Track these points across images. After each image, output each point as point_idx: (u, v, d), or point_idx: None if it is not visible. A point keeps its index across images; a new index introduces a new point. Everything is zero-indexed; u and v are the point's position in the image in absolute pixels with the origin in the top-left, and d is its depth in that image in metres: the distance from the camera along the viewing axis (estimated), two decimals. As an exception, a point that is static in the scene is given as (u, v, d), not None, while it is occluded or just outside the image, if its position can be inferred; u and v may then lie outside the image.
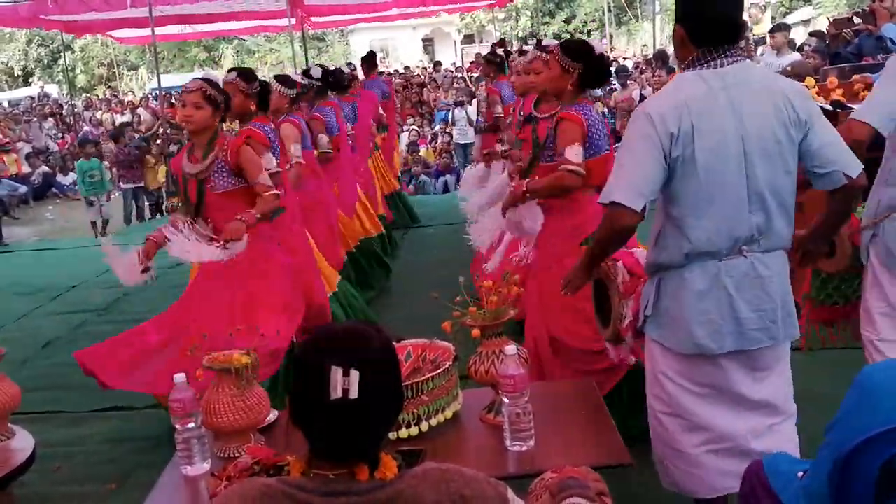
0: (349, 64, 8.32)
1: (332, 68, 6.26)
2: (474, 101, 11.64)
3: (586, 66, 2.94)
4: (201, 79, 3.23)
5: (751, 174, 1.92)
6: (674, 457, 2.12)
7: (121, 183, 10.54)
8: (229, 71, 4.03)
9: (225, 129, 3.48)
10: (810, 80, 4.17)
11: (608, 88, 12.37)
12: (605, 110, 11.88)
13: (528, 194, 3.00)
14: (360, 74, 8.16)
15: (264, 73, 21.67)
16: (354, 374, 1.14)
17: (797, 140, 1.95)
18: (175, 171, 3.36)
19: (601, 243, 2.09)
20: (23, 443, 2.42)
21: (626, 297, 2.25)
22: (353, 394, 1.13)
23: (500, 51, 6.64)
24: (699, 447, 2.07)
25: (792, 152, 1.95)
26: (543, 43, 4.29)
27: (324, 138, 5.09)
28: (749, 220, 1.94)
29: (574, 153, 2.85)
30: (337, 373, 1.14)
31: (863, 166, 2.01)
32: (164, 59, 24.75)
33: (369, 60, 7.80)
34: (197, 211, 3.24)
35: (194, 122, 3.16)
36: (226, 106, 3.26)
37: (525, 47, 6.80)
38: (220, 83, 3.36)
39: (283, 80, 4.56)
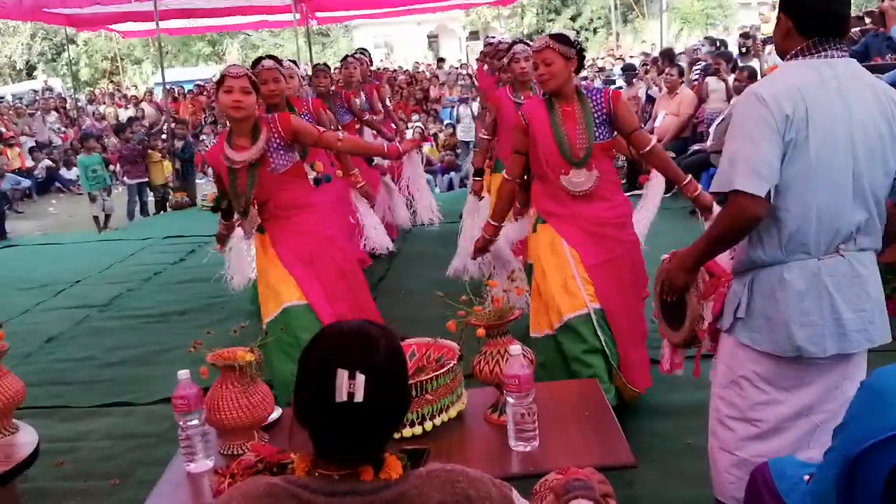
0: (362, 50, 8.26)
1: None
2: (479, 98, 11.64)
3: (578, 54, 3.07)
4: (237, 65, 3.21)
5: (856, 167, 1.87)
6: (731, 464, 2.06)
7: (125, 178, 10.54)
8: (263, 58, 4.09)
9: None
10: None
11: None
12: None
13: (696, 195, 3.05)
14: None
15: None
16: (360, 378, 1.13)
17: None
18: (216, 165, 3.23)
19: (722, 237, 1.95)
20: (27, 438, 2.42)
21: (707, 297, 2.13)
22: (359, 397, 1.13)
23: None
24: (760, 456, 1.98)
25: (893, 152, 1.91)
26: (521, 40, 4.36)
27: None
28: (852, 214, 1.89)
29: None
30: (343, 376, 1.13)
31: None
32: (167, 53, 24.76)
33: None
34: (248, 200, 3.15)
35: (245, 107, 3.06)
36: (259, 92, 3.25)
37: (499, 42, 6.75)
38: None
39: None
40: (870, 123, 1.88)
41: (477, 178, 4.92)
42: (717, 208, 2.89)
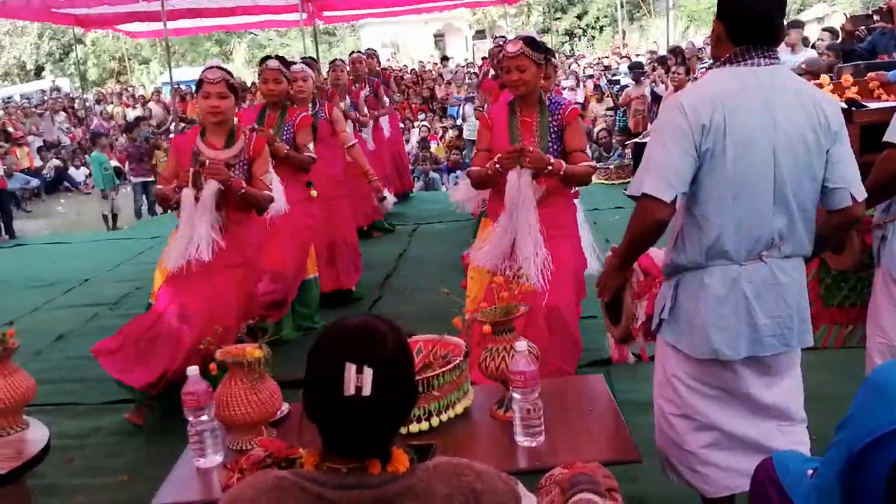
0: (370, 50, 8.33)
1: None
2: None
3: (547, 59, 3.12)
4: (219, 67, 3.24)
5: (778, 176, 1.90)
6: (681, 456, 2.12)
7: (131, 177, 10.60)
8: (268, 58, 4.13)
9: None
10: (825, 79, 4.14)
11: (620, 85, 12.30)
12: (610, 106, 11.84)
13: (561, 174, 3.00)
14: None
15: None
16: (368, 372, 1.14)
17: (826, 148, 1.93)
18: (179, 151, 3.31)
19: (634, 239, 2.03)
20: (37, 434, 2.44)
21: (640, 297, 2.22)
22: (367, 391, 1.14)
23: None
24: (707, 447, 2.06)
25: (819, 160, 1.93)
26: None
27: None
28: (772, 222, 1.92)
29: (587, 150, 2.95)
30: (350, 370, 1.14)
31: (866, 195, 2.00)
32: (175, 53, 24.82)
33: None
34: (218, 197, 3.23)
35: (222, 111, 3.15)
36: (238, 94, 3.31)
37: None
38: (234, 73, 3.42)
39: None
40: (795, 131, 1.90)
41: None
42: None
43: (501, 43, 6.53)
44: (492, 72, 6.07)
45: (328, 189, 4.82)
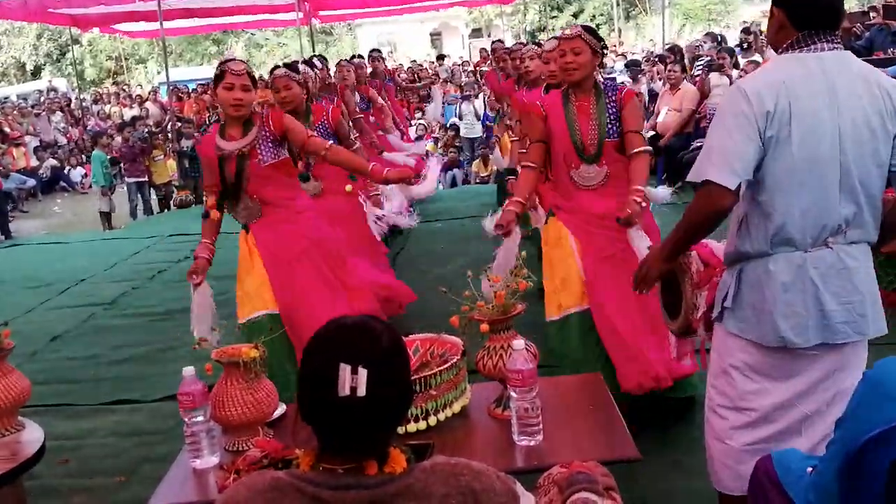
0: (359, 56, 8.34)
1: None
2: (481, 95, 11.63)
3: (603, 48, 3.06)
4: (239, 59, 3.22)
5: (843, 162, 1.87)
6: (723, 453, 2.07)
7: (126, 177, 10.58)
8: (276, 68, 4.11)
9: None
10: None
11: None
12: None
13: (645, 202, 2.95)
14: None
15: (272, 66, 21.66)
16: (363, 372, 1.13)
17: (892, 133, 1.90)
18: (207, 155, 3.26)
19: (691, 227, 1.97)
20: (32, 435, 2.43)
21: (700, 287, 2.15)
22: (362, 392, 1.13)
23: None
24: (751, 445, 2.01)
25: (886, 145, 1.90)
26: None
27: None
28: (838, 208, 1.89)
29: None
30: (345, 370, 1.13)
31: None
32: (171, 53, 24.80)
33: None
34: (237, 190, 3.19)
35: (245, 103, 3.11)
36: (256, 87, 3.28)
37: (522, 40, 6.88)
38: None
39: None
40: (860, 117, 1.87)
41: (511, 178, 4.93)
42: (637, 235, 2.90)
43: (498, 46, 6.56)
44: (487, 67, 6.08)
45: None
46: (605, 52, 3.13)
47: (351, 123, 5.60)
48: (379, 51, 8.52)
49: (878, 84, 1.91)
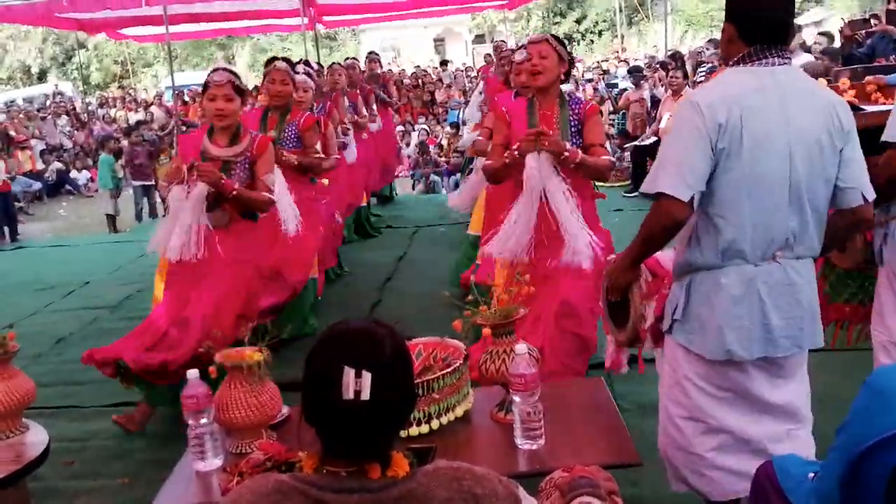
0: (372, 53, 8.39)
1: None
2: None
3: (569, 62, 3.11)
4: (225, 69, 3.25)
5: (793, 175, 1.89)
6: (687, 461, 2.10)
7: (132, 180, 10.61)
8: (275, 59, 4.16)
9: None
10: (822, 82, 4.14)
11: (619, 89, 12.31)
12: (611, 110, 11.84)
13: (577, 162, 2.95)
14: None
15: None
16: (367, 376, 1.14)
17: (839, 149, 1.93)
18: (186, 151, 3.33)
19: (647, 239, 2.00)
20: (37, 437, 2.44)
21: (650, 298, 2.18)
22: (365, 395, 1.14)
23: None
24: (715, 450, 2.05)
25: (833, 160, 1.93)
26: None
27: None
28: (787, 222, 1.92)
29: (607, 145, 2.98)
30: (349, 374, 1.14)
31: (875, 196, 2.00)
32: (177, 58, 24.86)
33: None
34: (216, 200, 3.24)
35: (227, 113, 3.17)
36: (245, 96, 3.34)
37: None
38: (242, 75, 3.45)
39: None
40: (809, 132, 1.89)
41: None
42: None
43: (502, 45, 6.54)
44: (491, 70, 6.10)
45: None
46: (573, 63, 3.13)
47: (339, 129, 5.68)
48: (376, 53, 8.55)
49: (827, 100, 1.94)
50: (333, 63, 7.04)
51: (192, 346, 3.17)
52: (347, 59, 7.96)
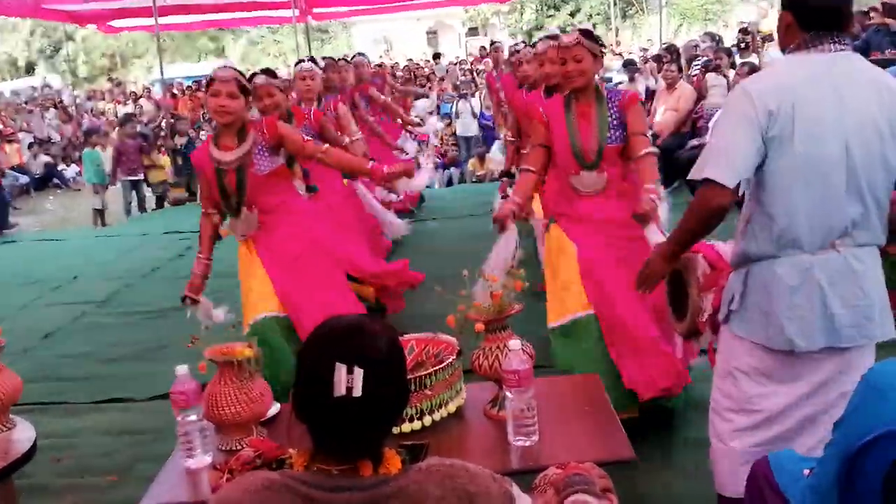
0: (360, 54, 8.30)
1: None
2: (478, 94, 11.62)
3: (602, 51, 3.06)
4: (231, 67, 3.18)
5: (850, 164, 1.86)
6: (723, 454, 2.08)
7: (121, 175, 10.52)
8: (254, 75, 4.07)
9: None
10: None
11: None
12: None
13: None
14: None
15: (268, 65, 21.64)
16: (358, 372, 1.12)
17: None
18: (201, 166, 3.23)
19: (691, 226, 1.99)
20: (24, 434, 2.41)
21: (707, 290, 2.16)
22: (357, 392, 1.12)
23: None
24: (752, 448, 2.01)
25: (893, 148, 1.90)
26: (551, 33, 4.27)
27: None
28: (845, 211, 1.89)
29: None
30: (341, 370, 1.12)
31: None
32: (166, 51, 24.70)
33: None
34: (239, 200, 3.19)
35: (231, 111, 3.06)
36: (249, 96, 3.25)
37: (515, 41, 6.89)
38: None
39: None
40: (867, 119, 1.87)
41: (505, 179, 4.91)
42: (653, 232, 2.84)
43: (499, 47, 6.50)
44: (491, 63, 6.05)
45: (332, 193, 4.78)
46: (604, 52, 3.12)
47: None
48: (363, 55, 8.48)
49: (887, 87, 1.91)
50: (330, 59, 7.00)
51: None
52: (355, 55, 7.89)
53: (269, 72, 4.21)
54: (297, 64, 4.96)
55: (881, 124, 1.87)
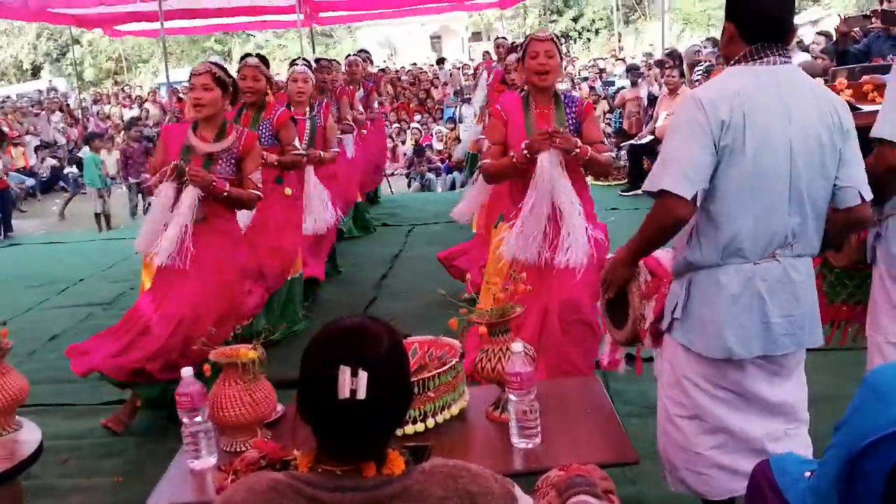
0: (363, 51, 8.34)
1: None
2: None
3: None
4: (208, 62, 3.27)
5: (794, 174, 1.89)
6: (686, 460, 2.10)
7: (130, 178, 10.54)
8: (248, 55, 4.16)
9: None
10: (819, 81, 4.13)
11: (615, 88, 12.30)
12: (608, 109, 11.85)
13: (587, 157, 2.97)
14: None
15: (273, 69, 21.67)
16: (363, 375, 1.13)
17: (838, 148, 1.93)
18: (170, 141, 3.32)
19: (648, 236, 2.00)
20: (30, 435, 2.42)
21: (649, 297, 2.17)
22: (361, 394, 1.13)
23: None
24: (714, 449, 2.05)
25: (833, 159, 1.93)
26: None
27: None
28: (787, 220, 1.92)
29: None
30: (345, 373, 1.13)
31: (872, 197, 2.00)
32: (172, 54, 24.76)
33: None
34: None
35: (205, 103, 3.16)
36: (234, 90, 3.31)
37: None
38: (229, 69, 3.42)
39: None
40: (809, 129, 1.90)
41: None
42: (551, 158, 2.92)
43: (503, 42, 6.50)
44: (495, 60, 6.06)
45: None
46: (564, 59, 3.20)
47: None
48: (367, 52, 8.51)
49: (827, 99, 1.95)
50: (349, 55, 7.06)
51: (162, 345, 3.18)
52: (349, 55, 7.92)
53: (262, 59, 4.29)
54: (290, 65, 5.00)
55: (822, 135, 1.91)
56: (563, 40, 3.51)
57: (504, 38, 7.93)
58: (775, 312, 1.95)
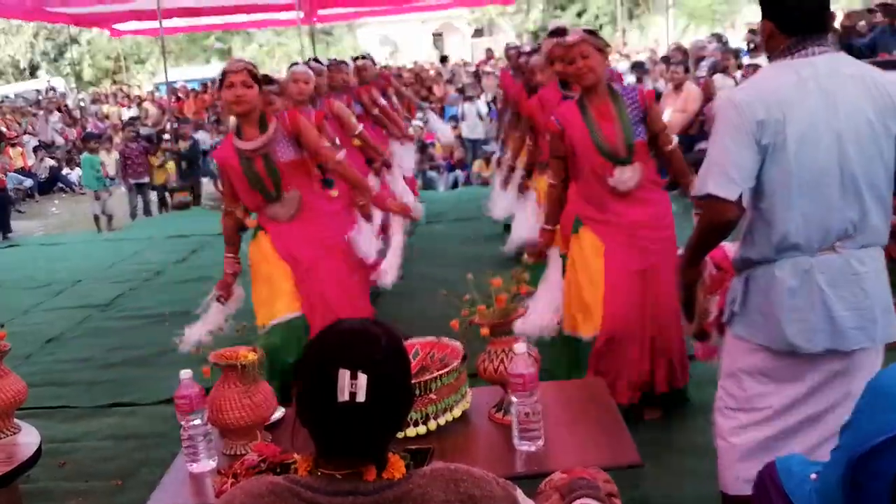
0: (365, 56, 8.31)
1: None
2: (483, 96, 11.62)
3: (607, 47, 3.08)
4: (241, 60, 3.22)
5: (844, 165, 1.87)
6: (725, 452, 2.09)
7: (129, 178, 10.53)
8: (238, 61, 4.06)
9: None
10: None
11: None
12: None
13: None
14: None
15: (273, 67, 21.69)
16: (362, 378, 1.12)
17: (893, 132, 1.90)
18: (225, 160, 3.24)
19: (702, 239, 2.02)
20: (28, 438, 2.41)
21: (712, 292, 2.19)
22: (361, 397, 1.11)
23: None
24: (752, 445, 2.02)
25: (889, 144, 1.89)
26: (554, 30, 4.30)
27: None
28: (842, 212, 1.89)
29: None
30: (345, 376, 1.12)
31: None
32: (171, 53, 24.76)
33: None
34: (276, 187, 3.20)
35: (246, 100, 3.08)
36: (262, 87, 3.25)
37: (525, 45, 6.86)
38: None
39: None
40: (858, 117, 1.87)
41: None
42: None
43: (517, 48, 6.47)
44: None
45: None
46: (609, 48, 3.13)
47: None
48: (368, 57, 8.48)
49: (875, 83, 1.91)
50: (355, 58, 7.02)
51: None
52: (362, 57, 7.89)
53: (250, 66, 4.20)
54: (290, 67, 4.96)
55: (874, 121, 1.87)
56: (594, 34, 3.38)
57: (515, 45, 7.89)
58: (840, 305, 1.91)
